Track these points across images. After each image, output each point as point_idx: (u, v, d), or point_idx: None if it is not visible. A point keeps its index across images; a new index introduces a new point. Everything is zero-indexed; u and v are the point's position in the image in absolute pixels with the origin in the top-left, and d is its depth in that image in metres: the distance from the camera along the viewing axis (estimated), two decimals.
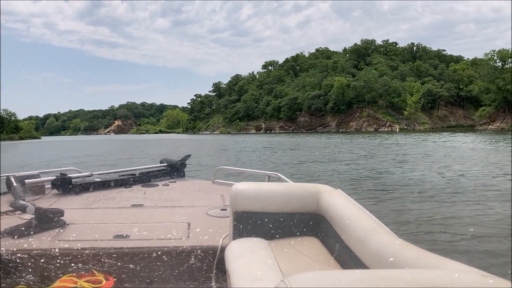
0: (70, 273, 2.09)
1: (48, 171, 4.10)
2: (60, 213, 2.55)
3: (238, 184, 2.26)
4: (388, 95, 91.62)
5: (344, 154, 22.35)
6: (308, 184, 2.37)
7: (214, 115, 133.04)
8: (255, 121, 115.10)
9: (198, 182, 4.41)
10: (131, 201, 3.37)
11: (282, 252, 2.00)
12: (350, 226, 1.80)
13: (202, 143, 46.53)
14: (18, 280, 2.03)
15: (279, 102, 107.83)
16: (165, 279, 2.18)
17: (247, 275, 1.66)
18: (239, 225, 2.18)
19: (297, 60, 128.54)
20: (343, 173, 13.54)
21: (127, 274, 2.15)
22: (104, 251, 2.17)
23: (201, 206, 3.14)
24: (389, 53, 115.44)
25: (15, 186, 3.10)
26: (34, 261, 2.09)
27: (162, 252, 2.19)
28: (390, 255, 1.42)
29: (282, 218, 2.21)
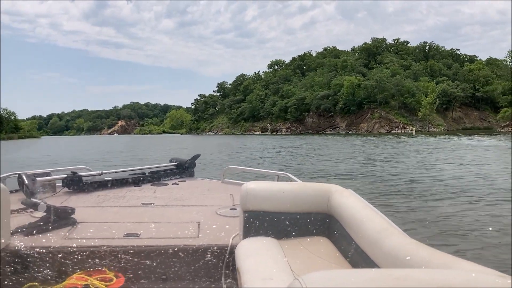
0: (81, 270, 2.11)
1: (59, 169, 4.02)
2: (71, 211, 2.58)
3: (248, 183, 2.27)
4: (401, 96, 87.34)
5: (368, 156, 21.35)
6: (318, 184, 2.36)
7: (218, 115, 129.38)
8: (261, 122, 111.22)
9: (208, 182, 4.41)
10: (141, 199, 3.38)
11: (293, 251, 2.00)
12: (361, 226, 1.80)
13: (198, 146, 43.15)
14: (30, 277, 2.06)
15: (285, 102, 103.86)
16: (176, 278, 2.20)
17: (258, 274, 1.66)
18: (249, 225, 2.19)
19: (304, 59, 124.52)
20: (357, 174, 13.13)
21: (137, 272, 2.17)
22: (115, 249, 2.18)
23: (210, 206, 3.14)
24: (400, 52, 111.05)
25: (27, 184, 3.11)
26: (46, 259, 2.12)
27: (173, 251, 2.20)
28: (403, 256, 1.42)
29: (292, 218, 2.21)
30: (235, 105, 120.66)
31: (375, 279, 0.98)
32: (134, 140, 69.29)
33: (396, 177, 11.85)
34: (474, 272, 1.06)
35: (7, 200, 2.17)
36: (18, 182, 3.36)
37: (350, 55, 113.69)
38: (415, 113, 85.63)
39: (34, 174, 3.48)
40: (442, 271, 1.11)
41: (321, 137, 60.97)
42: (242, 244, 2.06)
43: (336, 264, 1.90)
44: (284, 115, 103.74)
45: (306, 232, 2.22)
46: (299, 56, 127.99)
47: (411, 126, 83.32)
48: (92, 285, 1.98)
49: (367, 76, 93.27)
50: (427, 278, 0.99)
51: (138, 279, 2.16)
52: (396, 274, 1.01)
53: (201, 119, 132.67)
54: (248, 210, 2.20)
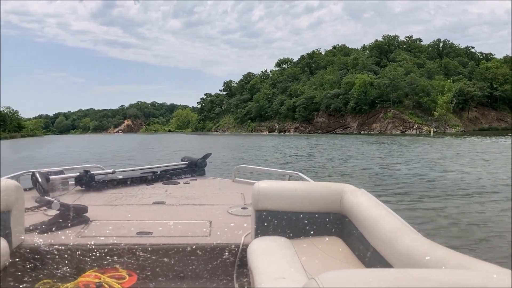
0: (94, 268, 2.13)
1: (72, 168, 4.03)
2: (84, 210, 2.60)
3: (260, 182, 2.27)
4: (415, 95, 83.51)
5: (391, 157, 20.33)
6: (331, 183, 2.36)
7: (224, 115, 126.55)
8: (268, 122, 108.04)
9: (219, 181, 4.41)
10: (153, 198, 3.39)
11: (305, 251, 1.99)
12: (375, 226, 1.78)
13: (201, 147, 40.81)
14: (44, 274, 2.08)
15: (294, 101, 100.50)
16: (188, 276, 2.21)
17: (270, 273, 1.65)
18: (261, 224, 2.19)
19: (313, 57, 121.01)
20: (376, 174, 12.94)
21: (149, 270, 2.17)
22: (127, 247, 2.20)
23: (222, 204, 3.14)
24: (413, 50, 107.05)
25: (40, 182, 3.12)
26: (60, 256, 2.14)
27: (184, 249, 2.21)
28: (418, 256, 1.41)
29: (305, 217, 2.21)
30: (241, 104, 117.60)
31: (393, 279, 0.96)
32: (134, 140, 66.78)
33: (414, 178, 11.49)
34: (494, 273, 1.04)
35: (22, 198, 2.17)
36: (32, 180, 3.31)
37: (360, 53, 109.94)
38: (430, 113, 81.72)
39: (48, 172, 3.45)
40: (461, 271, 1.09)
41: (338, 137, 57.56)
42: (254, 243, 2.06)
43: (349, 264, 1.89)
44: (293, 114, 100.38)
45: (318, 232, 2.21)
46: (307, 54, 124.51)
47: (427, 126, 79.49)
48: (105, 283, 1.99)
49: (380, 74, 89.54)
50: (446, 279, 0.97)
51: (150, 277, 2.16)
52: (414, 274, 1.00)
53: (207, 118, 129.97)
54: (260, 209, 2.20)
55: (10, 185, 2.10)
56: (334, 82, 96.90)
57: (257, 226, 2.19)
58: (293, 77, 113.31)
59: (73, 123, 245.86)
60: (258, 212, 2.20)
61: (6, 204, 2.04)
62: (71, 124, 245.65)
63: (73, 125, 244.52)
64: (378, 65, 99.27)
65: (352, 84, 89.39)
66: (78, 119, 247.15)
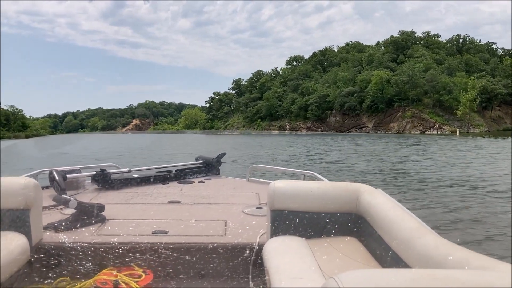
0: (110, 266, 2.15)
1: (88, 167, 4.02)
2: (101, 208, 2.61)
3: (276, 182, 2.26)
4: (436, 92, 78.65)
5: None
6: (347, 183, 2.34)
7: (233, 114, 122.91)
8: (279, 121, 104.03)
9: (233, 180, 4.42)
10: (168, 197, 3.40)
11: (321, 251, 1.99)
12: (392, 226, 1.78)
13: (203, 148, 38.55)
14: (62, 272, 2.11)
15: (306, 100, 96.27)
16: (203, 275, 2.23)
17: (287, 273, 1.65)
18: (276, 223, 2.19)
19: (325, 54, 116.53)
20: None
21: (165, 269, 2.19)
22: (144, 246, 2.21)
23: (237, 204, 3.15)
24: (431, 46, 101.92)
25: (58, 181, 3.14)
26: (77, 254, 2.17)
27: (200, 249, 2.23)
28: (437, 257, 1.39)
29: (320, 217, 2.21)
30: (251, 103, 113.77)
31: (414, 279, 0.95)
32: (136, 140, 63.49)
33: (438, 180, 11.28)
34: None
35: (40, 196, 2.19)
36: (49, 178, 3.32)
37: (375, 49, 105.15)
38: (451, 112, 76.83)
39: (65, 171, 3.47)
40: (484, 272, 1.08)
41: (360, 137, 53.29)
42: (270, 243, 2.06)
43: (366, 264, 1.88)
44: (304, 113, 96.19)
45: (334, 232, 2.20)
46: (320, 51, 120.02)
47: (448, 126, 74.61)
48: (121, 281, 2.00)
49: (397, 71, 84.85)
50: (469, 279, 0.95)
51: (166, 276, 2.17)
52: (436, 274, 0.99)
53: (216, 118, 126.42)
54: (275, 209, 2.19)
55: (30, 183, 2.11)
56: (348, 80, 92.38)
57: (272, 226, 2.19)
58: (305, 75, 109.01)
59: (82, 122, 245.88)
60: (273, 211, 2.20)
61: (26, 202, 2.06)
62: (79, 123, 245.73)
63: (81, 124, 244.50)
64: (394, 61, 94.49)
65: (367, 81, 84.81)
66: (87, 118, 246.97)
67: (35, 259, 2.09)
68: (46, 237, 2.25)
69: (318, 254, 1.91)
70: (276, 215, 2.18)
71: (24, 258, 1.97)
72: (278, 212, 2.18)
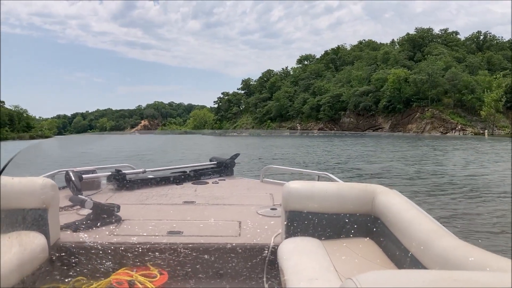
0: (126, 266, 2.17)
1: (104, 167, 4.03)
2: (116, 208, 2.63)
3: (291, 182, 2.26)
4: (457, 92, 74.03)
5: None
6: (362, 184, 2.32)
7: (242, 115, 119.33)
8: (289, 122, 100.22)
9: (247, 181, 4.43)
10: (183, 198, 3.42)
11: (336, 252, 1.98)
12: (408, 227, 1.77)
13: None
14: (78, 271, 2.14)
15: (318, 100, 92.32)
16: (218, 276, 2.24)
17: (302, 274, 1.65)
18: (291, 224, 2.19)
19: (338, 53, 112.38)
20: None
21: (180, 269, 2.20)
22: (158, 246, 2.23)
23: (251, 205, 3.16)
24: (449, 43, 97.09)
25: (74, 181, 3.17)
26: (93, 254, 2.19)
27: (215, 249, 2.24)
28: (454, 258, 1.38)
29: (335, 218, 2.20)
30: (260, 104, 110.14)
31: (434, 281, 0.94)
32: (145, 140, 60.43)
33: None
34: None
35: (57, 196, 2.22)
36: (66, 179, 3.34)
37: (389, 47, 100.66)
38: (474, 113, 72.17)
39: (81, 171, 3.50)
40: (505, 274, 1.04)
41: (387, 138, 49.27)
42: (285, 244, 2.06)
43: (382, 266, 1.87)
44: (316, 114, 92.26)
45: (349, 233, 2.19)
46: (332, 50, 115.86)
47: (471, 127, 69.98)
48: (137, 281, 2.02)
49: (414, 69, 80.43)
50: (490, 281, 0.94)
51: (181, 276, 2.18)
52: (456, 276, 0.97)
53: (224, 118, 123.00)
54: (290, 209, 2.20)
55: (47, 183, 2.14)
56: (363, 79, 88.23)
57: (287, 227, 2.18)
58: (317, 74, 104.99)
59: (91, 123, 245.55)
60: (288, 212, 2.20)
61: (44, 201, 2.10)
62: (88, 124, 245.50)
63: (90, 125, 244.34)
64: (411, 59, 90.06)
65: (384, 80, 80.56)
66: (96, 119, 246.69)
67: (52, 258, 2.12)
68: (63, 236, 2.28)
69: (334, 255, 1.89)
70: (291, 216, 2.18)
71: (43, 257, 2.00)
72: (293, 213, 2.18)
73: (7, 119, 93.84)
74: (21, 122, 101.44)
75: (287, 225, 2.18)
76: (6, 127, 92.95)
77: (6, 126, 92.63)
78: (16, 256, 1.74)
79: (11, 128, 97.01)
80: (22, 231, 2.02)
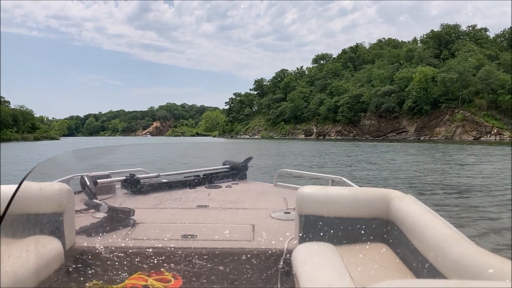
0: (140, 271, 2.17)
1: (118, 172, 4.03)
2: (131, 212, 2.66)
3: (305, 187, 2.26)
4: (491, 92, 67.10)
5: None
6: (376, 188, 2.31)
7: (255, 116, 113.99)
8: (304, 124, 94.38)
9: (260, 185, 4.43)
10: (196, 202, 3.45)
11: (351, 258, 1.97)
12: (425, 233, 1.75)
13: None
14: (93, 276, 2.16)
15: (335, 100, 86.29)
16: (232, 280, 2.25)
17: (317, 280, 1.65)
18: (305, 229, 2.19)
19: (356, 51, 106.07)
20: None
21: (194, 274, 2.21)
22: (173, 250, 2.25)
23: (264, 209, 3.16)
24: (478, 40, 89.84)
25: (89, 186, 3.20)
26: (108, 258, 2.20)
27: (229, 253, 2.25)
28: (473, 266, 1.35)
29: (350, 223, 2.19)
30: (274, 105, 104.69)
31: None
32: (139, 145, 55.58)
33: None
34: None
35: (72, 201, 2.24)
36: (81, 183, 3.38)
37: (413, 45, 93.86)
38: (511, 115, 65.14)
39: (95, 176, 3.54)
40: None
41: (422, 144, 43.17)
42: (299, 249, 2.05)
43: (397, 272, 1.85)
44: (334, 116, 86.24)
45: (364, 238, 2.17)
46: (350, 48, 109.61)
47: (509, 131, 62.97)
48: (151, 286, 2.04)
49: (442, 67, 73.73)
50: None
51: (195, 281, 2.19)
52: (475, 285, 0.94)
53: (236, 120, 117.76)
54: (304, 214, 2.19)
55: (63, 188, 2.17)
56: (385, 78, 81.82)
57: (301, 231, 2.18)
58: (334, 74, 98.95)
59: (103, 124, 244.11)
60: (302, 217, 2.20)
61: (59, 206, 2.12)
62: (100, 125, 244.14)
63: (102, 126, 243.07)
64: (437, 57, 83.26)
65: (408, 79, 74.10)
66: (108, 120, 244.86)
67: (68, 263, 2.13)
68: (79, 241, 2.29)
69: (348, 260, 1.88)
70: (304, 220, 2.18)
71: (58, 262, 2.02)
72: (307, 218, 2.18)
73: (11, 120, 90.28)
74: (25, 122, 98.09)
75: (301, 230, 2.18)
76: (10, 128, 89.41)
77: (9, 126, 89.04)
78: (33, 261, 1.76)
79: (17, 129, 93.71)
80: (39, 235, 2.03)
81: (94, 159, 4.16)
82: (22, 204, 1.85)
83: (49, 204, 2.07)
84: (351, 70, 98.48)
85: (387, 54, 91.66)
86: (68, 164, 3.31)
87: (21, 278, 1.56)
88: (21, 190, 1.42)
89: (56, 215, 2.08)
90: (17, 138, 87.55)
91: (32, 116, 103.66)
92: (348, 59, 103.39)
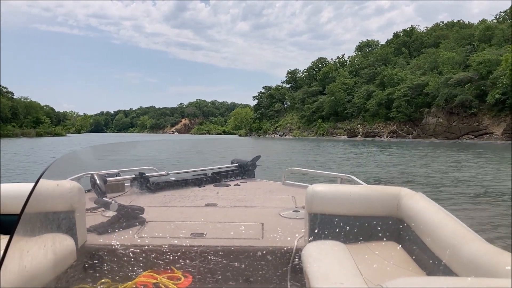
0: (150, 268, 2.19)
1: (128, 170, 4.08)
2: (140, 211, 2.69)
3: (314, 185, 2.27)
4: None
5: None
6: (386, 186, 2.30)
7: (286, 113, 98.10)
8: (347, 122, 77.61)
9: (269, 183, 4.42)
10: (205, 200, 3.47)
11: (361, 256, 1.97)
12: (436, 231, 1.76)
13: None
14: (103, 273, 2.17)
15: (388, 93, 68.84)
16: (241, 278, 2.25)
17: (327, 278, 1.63)
18: (314, 227, 2.20)
19: (411, 34, 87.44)
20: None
21: (204, 271, 2.23)
22: (182, 248, 2.26)
23: (273, 207, 3.18)
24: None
25: (99, 184, 3.22)
26: (118, 256, 2.23)
27: (238, 251, 2.26)
28: (485, 264, 1.34)
29: (360, 221, 2.20)
30: (309, 99, 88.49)
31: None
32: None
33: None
34: None
35: (83, 199, 2.26)
36: (91, 182, 3.39)
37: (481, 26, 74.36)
38: None
39: (105, 174, 3.56)
40: None
41: None
42: (309, 247, 2.04)
43: (408, 270, 1.85)
44: (386, 112, 68.90)
45: (374, 236, 2.17)
46: (404, 31, 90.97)
47: None
48: (161, 284, 2.04)
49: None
50: None
51: (205, 279, 2.19)
52: (490, 284, 0.94)
53: (265, 117, 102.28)
54: (313, 212, 2.21)
55: (74, 186, 2.19)
56: (456, 63, 63.29)
57: (310, 230, 2.20)
58: (384, 61, 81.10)
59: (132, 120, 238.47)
60: (311, 215, 2.20)
61: (71, 204, 2.14)
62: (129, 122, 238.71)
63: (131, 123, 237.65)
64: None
65: (492, 63, 55.41)
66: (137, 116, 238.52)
67: (80, 260, 2.16)
68: (90, 239, 2.32)
69: (358, 259, 1.86)
70: (314, 218, 2.19)
71: (71, 259, 2.05)
72: (316, 216, 2.18)
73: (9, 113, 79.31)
74: (28, 116, 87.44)
75: (311, 228, 2.18)
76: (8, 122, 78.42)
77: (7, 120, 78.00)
78: (48, 258, 1.77)
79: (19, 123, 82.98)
80: (52, 233, 2.02)
81: (109, 155, 3.95)
82: (39, 201, 1.79)
83: (61, 202, 2.08)
84: (405, 57, 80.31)
85: (455, 36, 72.81)
86: (77, 162, 3.02)
87: (38, 274, 1.57)
88: (37, 187, 1.43)
89: (69, 212, 2.10)
90: (16, 133, 76.88)
91: (37, 109, 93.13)
92: (402, 44, 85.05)
